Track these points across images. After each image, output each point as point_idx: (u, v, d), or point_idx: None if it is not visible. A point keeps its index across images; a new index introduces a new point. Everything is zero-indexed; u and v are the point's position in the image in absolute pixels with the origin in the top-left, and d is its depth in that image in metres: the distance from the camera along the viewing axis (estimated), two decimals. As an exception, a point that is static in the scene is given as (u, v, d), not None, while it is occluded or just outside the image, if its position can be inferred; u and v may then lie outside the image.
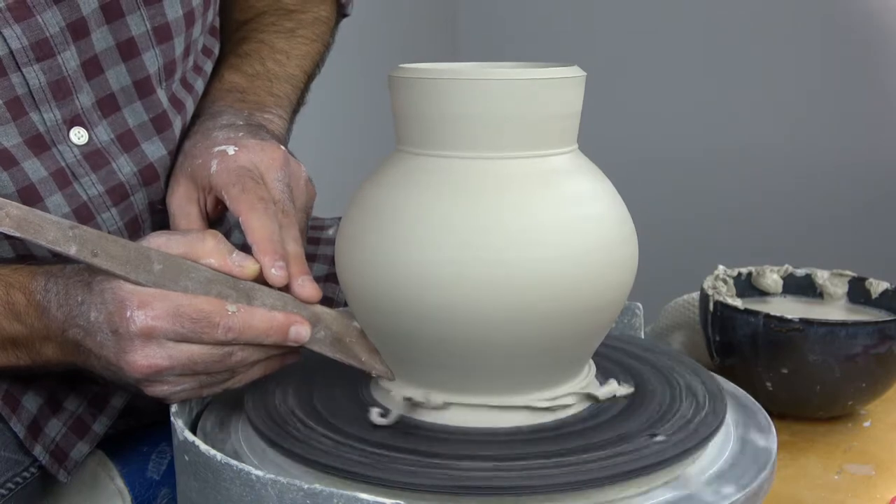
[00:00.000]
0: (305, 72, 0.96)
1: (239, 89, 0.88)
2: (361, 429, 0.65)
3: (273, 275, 0.67)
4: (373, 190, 0.67)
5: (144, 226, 0.80)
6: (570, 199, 0.64)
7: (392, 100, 0.67)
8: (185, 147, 0.80)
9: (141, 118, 0.79)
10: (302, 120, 0.97)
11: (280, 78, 0.92)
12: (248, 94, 0.88)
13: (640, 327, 0.88)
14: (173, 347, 0.63)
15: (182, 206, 0.75)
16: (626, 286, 0.66)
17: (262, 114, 0.86)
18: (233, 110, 0.84)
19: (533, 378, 0.66)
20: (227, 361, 0.65)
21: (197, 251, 0.66)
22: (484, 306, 0.61)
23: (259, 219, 0.69)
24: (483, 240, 0.61)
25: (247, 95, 0.88)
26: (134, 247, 0.65)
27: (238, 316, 0.64)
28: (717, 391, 0.71)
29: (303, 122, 0.97)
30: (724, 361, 0.91)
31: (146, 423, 0.86)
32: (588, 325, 0.65)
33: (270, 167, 0.74)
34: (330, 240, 1.00)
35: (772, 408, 0.75)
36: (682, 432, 0.64)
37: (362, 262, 0.65)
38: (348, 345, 0.69)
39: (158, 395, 0.66)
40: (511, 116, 0.63)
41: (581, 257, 0.62)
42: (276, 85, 0.91)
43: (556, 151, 0.65)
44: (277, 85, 0.91)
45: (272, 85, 0.90)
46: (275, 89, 0.90)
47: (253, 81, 0.89)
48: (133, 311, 0.63)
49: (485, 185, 0.63)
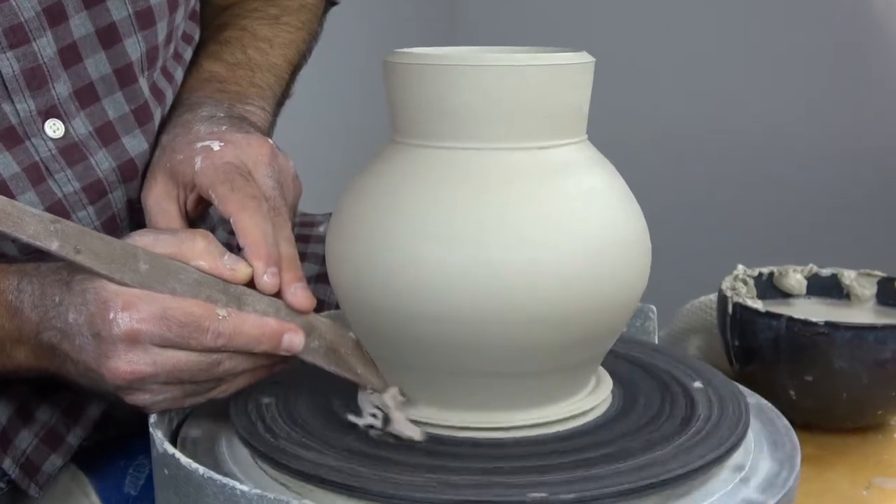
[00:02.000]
0: (290, 62, 0.96)
1: (218, 79, 0.88)
2: (356, 440, 0.65)
3: (265, 282, 0.67)
4: (366, 184, 0.67)
5: (123, 225, 0.80)
6: (578, 194, 0.64)
7: (386, 88, 0.67)
8: (164, 141, 0.80)
9: (121, 109, 0.79)
10: (288, 109, 0.97)
11: (262, 67, 0.92)
12: (229, 84, 0.88)
13: (654, 331, 0.88)
14: (158, 353, 0.63)
15: (160, 204, 0.75)
16: (638, 287, 0.67)
17: (243, 105, 0.86)
18: (213, 101, 0.84)
19: (539, 386, 0.66)
20: (214, 370, 0.65)
21: (186, 252, 0.66)
22: (486, 309, 0.61)
23: (251, 218, 0.69)
24: (486, 237, 0.62)
25: (227, 85, 0.88)
26: (119, 245, 0.65)
27: (229, 321, 0.64)
28: (736, 399, 0.71)
29: (289, 112, 0.97)
30: (744, 368, 0.91)
31: (123, 434, 0.87)
32: (598, 329, 0.65)
33: (259, 163, 0.74)
34: (320, 237, 1.00)
35: (795, 418, 0.75)
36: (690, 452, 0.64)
37: (355, 261, 0.65)
38: (343, 356, 0.69)
39: (138, 403, 0.66)
40: (515, 105, 0.63)
41: (590, 256, 0.63)
42: (259, 75, 0.91)
43: (563, 142, 0.65)
44: (260, 75, 0.91)
45: (254, 75, 0.90)
46: (257, 79, 0.90)
47: (234, 71, 0.90)
48: (117, 312, 0.63)
49: (487, 178, 0.63)
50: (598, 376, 0.73)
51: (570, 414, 0.67)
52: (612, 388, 0.72)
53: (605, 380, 0.72)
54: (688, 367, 0.77)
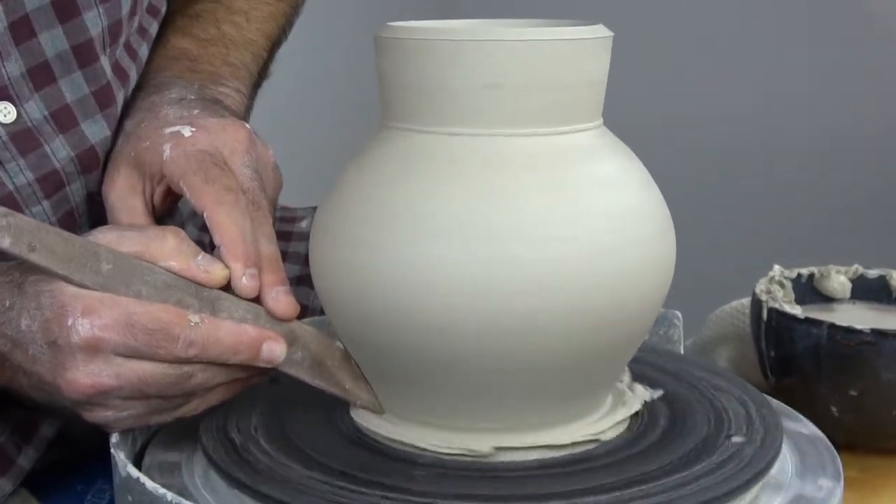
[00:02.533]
0: (268, 37, 0.96)
1: (188, 57, 0.88)
2: (342, 462, 0.65)
3: (243, 284, 0.67)
4: (355, 175, 0.67)
5: (81, 221, 0.80)
6: (594, 185, 0.64)
7: (378, 66, 0.67)
8: (127, 127, 0.80)
9: (80, 91, 0.79)
10: (266, 92, 0.97)
11: (238, 44, 0.92)
12: (200, 63, 0.88)
13: (680, 340, 0.88)
14: (122, 364, 0.63)
15: (124, 199, 0.75)
16: (662, 290, 0.67)
17: (216, 86, 0.86)
18: (182, 82, 0.84)
19: (550, 404, 0.66)
20: (184, 384, 0.65)
21: (154, 251, 0.66)
22: (491, 315, 0.61)
23: (228, 213, 0.68)
24: (490, 233, 0.61)
25: (198, 64, 0.88)
26: (79, 242, 0.65)
27: (202, 329, 0.64)
28: (770, 417, 0.71)
29: (267, 94, 0.97)
30: (781, 381, 0.91)
31: (80, 455, 0.87)
32: (617, 337, 0.65)
33: (235, 150, 0.74)
34: (303, 234, 1.00)
35: (838, 437, 0.75)
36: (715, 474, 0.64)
37: (343, 261, 0.65)
38: (330, 369, 0.69)
39: (99, 421, 0.66)
40: (524, 85, 0.63)
41: (607, 255, 0.63)
42: (234, 52, 0.91)
43: (577, 127, 0.65)
44: (234, 52, 0.91)
45: (228, 52, 0.90)
46: (231, 57, 0.90)
47: (205, 48, 0.90)
48: (76, 318, 0.62)
49: (492, 167, 0.63)
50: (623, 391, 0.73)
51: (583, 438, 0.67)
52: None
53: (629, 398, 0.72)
54: (716, 380, 0.77)
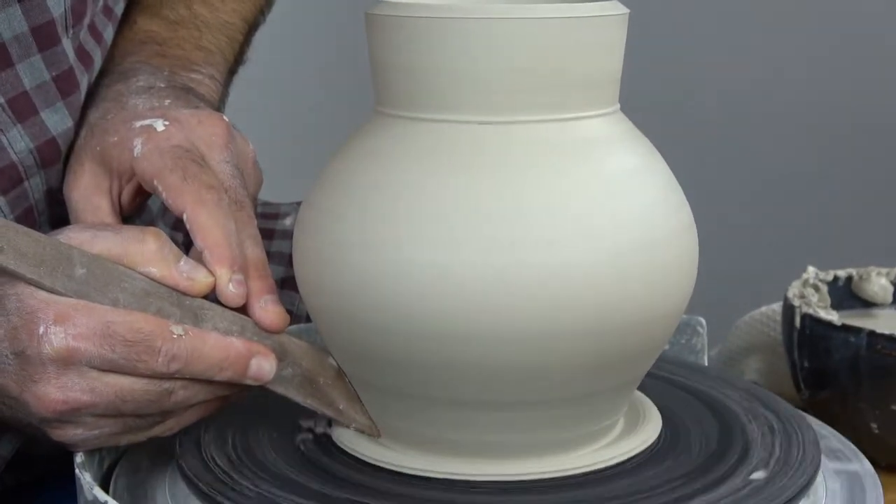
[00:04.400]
0: (245, 19, 0.96)
1: (157, 40, 0.88)
2: (329, 484, 0.66)
3: (230, 292, 0.67)
4: (344, 167, 0.67)
5: (41, 220, 0.80)
6: (609, 177, 0.64)
7: (370, 47, 0.67)
8: (91, 119, 0.80)
9: (40, 77, 0.79)
10: (244, 78, 0.97)
11: (211, 26, 0.92)
12: (169, 48, 0.88)
13: (704, 350, 0.88)
14: (97, 378, 0.63)
15: (88, 198, 0.75)
16: (683, 294, 0.67)
17: (187, 73, 0.86)
18: (150, 68, 0.84)
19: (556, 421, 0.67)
20: (163, 401, 0.65)
21: (134, 254, 0.66)
22: (492, 322, 0.61)
23: (211, 214, 0.68)
24: (493, 232, 0.62)
25: (167, 48, 0.88)
26: (51, 243, 0.64)
27: (185, 341, 0.64)
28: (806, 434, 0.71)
29: (246, 80, 0.97)
30: (815, 395, 0.91)
31: (41, 476, 0.87)
32: (633, 348, 0.65)
33: (213, 145, 0.74)
34: (287, 232, 1.00)
35: (878, 457, 0.75)
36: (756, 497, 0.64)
37: (331, 262, 0.65)
38: (322, 387, 0.70)
39: (66, 440, 0.66)
40: (531, 68, 0.63)
41: (624, 255, 0.63)
42: (207, 35, 0.91)
43: (590, 113, 0.66)
44: (208, 35, 0.91)
45: (201, 35, 0.90)
46: (204, 41, 0.90)
47: (175, 30, 0.90)
48: (47, 326, 0.62)
49: (496, 158, 0.63)
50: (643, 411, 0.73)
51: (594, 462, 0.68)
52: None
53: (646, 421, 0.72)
54: (744, 395, 0.77)
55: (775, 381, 1.00)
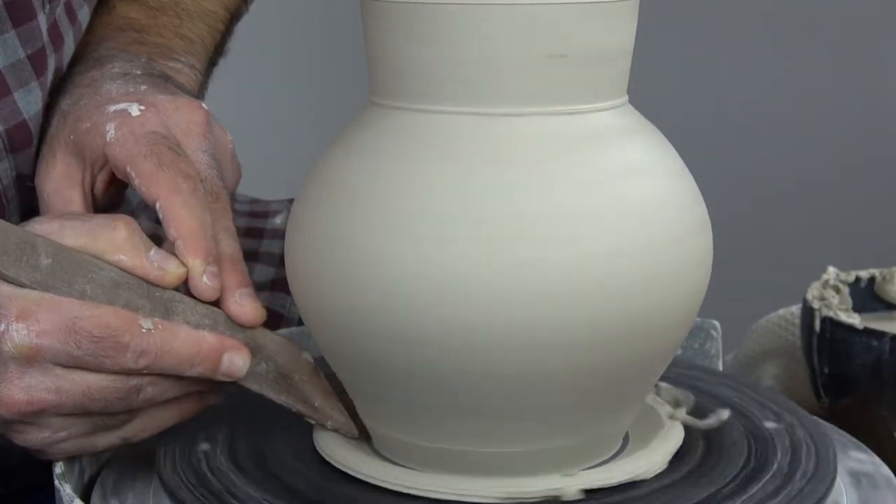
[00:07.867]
0: (227, 7, 0.96)
1: (136, 27, 0.88)
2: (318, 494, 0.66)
3: (204, 285, 0.67)
4: (338, 162, 0.67)
5: (10, 208, 0.80)
6: (618, 173, 0.64)
7: (365, 35, 0.67)
8: (64, 106, 0.80)
9: (15, 54, 0.79)
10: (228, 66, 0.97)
11: (192, 14, 0.92)
12: (148, 35, 0.88)
13: (718, 355, 0.88)
14: (63, 376, 0.63)
15: (60, 190, 0.75)
16: (696, 296, 0.67)
17: (166, 61, 0.86)
18: (127, 55, 0.84)
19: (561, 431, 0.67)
20: (132, 398, 0.65)
21: (102, 243, 0.66)
22: (491, 326, 0.61)
23: (185, 205, 0.69)
24: (494, 231, 0.61)
25: (146, 36, 0.88)
26: (15, 232, 0.65)
27: (155, 336, 0.64)
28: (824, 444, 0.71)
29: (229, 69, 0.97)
30: (836, 402, 0.91)
31: (15, 492, 0.87)
32: (645, 352, 0.65)
33: (190, 133, 0.74)
34: (278, 231, 1.00)
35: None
36: None
37: (324, 261, 0.65)
38: (297, 384, 0.70)
39: (32, 444, 0.66)
40: (534, 57, 0.63)
41: (634, 255, 0.63)
42: (187, 23, 0.91)
43: (598, 106, 0.66)
44: (188, 23, 0.91)
45: (181, 23, 0.91)
46: (184, 29, 0.91)
47: (155, 17, 0.90)
48: (10, 323, 0.63)
49: (497, 152, 0.63)
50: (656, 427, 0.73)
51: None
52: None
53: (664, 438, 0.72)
54: (761, 402, 0.77)
55: (794, 388, 1.00)
